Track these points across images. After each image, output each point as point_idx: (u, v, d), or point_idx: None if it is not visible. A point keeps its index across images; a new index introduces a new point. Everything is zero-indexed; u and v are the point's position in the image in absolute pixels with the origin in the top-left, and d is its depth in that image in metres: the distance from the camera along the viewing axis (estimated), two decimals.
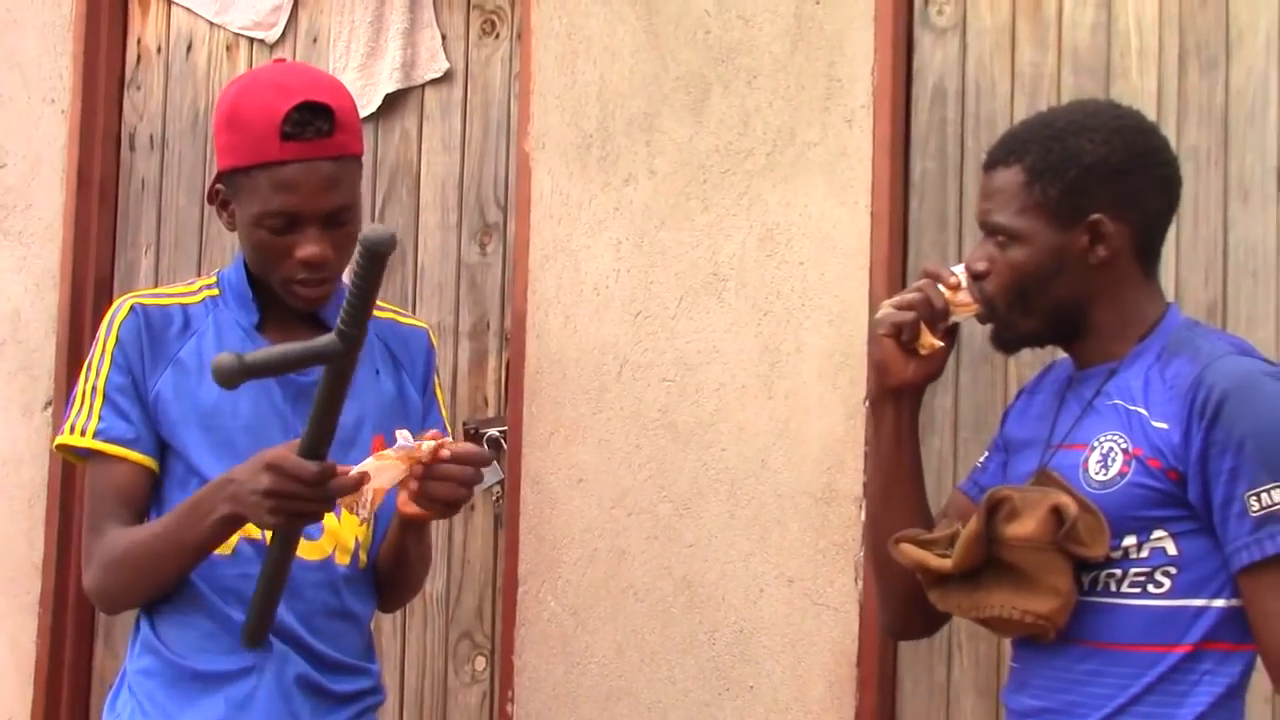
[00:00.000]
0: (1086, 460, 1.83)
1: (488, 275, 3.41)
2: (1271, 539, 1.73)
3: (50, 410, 3.58)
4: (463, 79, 3.45)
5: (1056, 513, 1.78)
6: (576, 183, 3.24)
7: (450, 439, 2.02)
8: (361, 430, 2.17)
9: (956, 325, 1.97)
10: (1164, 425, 1.79)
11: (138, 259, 3.66)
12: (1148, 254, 1.91)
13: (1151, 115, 2.90)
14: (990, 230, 1.91)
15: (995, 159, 1.92)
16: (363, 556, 2.20)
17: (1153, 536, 1.80)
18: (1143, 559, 1.80)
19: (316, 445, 1.91)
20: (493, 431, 3.33)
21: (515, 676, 3.21)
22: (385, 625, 3.36)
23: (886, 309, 1.96)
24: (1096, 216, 1.85)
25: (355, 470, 1.94)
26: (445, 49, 3.46)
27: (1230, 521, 1.75)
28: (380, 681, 2.24)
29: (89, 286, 3.62)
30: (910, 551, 1.89)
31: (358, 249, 1.78)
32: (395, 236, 1.82)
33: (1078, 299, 1.88)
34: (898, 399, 1.97)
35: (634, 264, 3.19)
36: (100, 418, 2.12)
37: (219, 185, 2.13)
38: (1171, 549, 1.79)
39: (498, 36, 3.44)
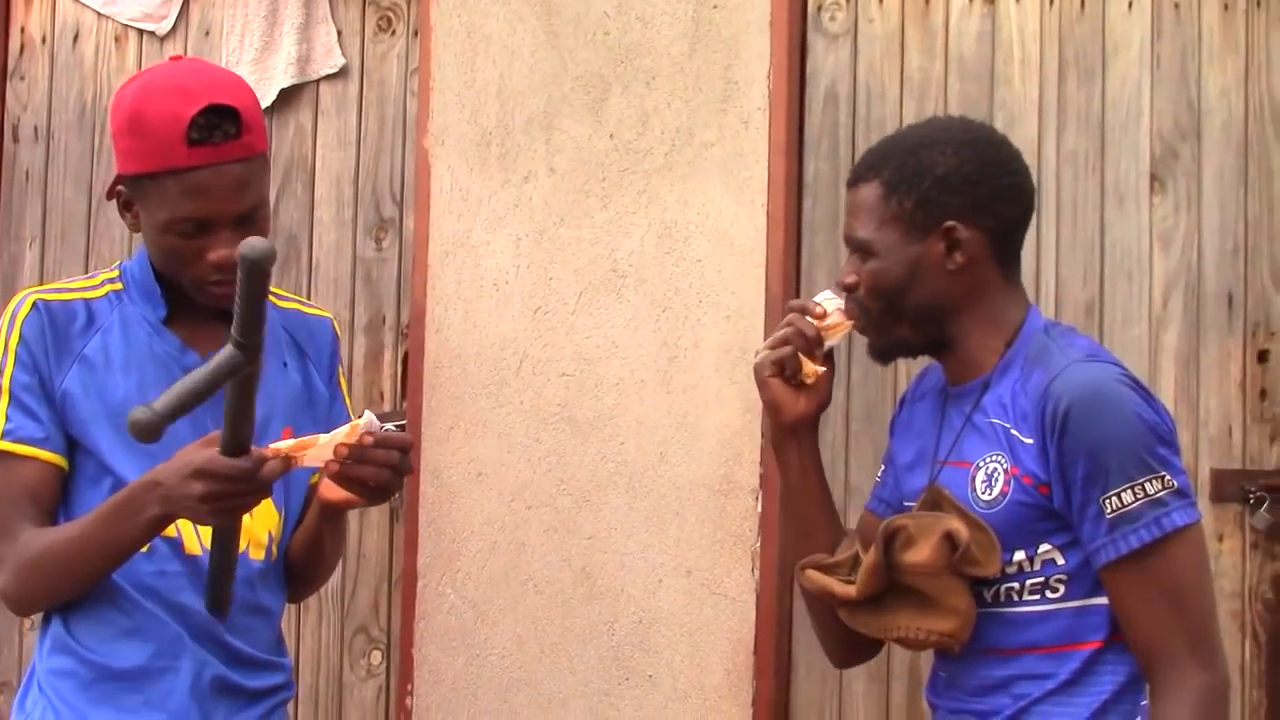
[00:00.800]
0: (973, 479, 1.91)
1: (383, 270, 3.41)
2: (1124, 539, 1.81)
3: None
4: (358, 75, 3.45)
5: (949, 538, 1.86)
6: (476, 179, 3.27)
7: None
8: (271, 425, 2.16)
9: (833, 350, 2.02)
10: (1030, 441, 1.87)
11: (21, 252, 3.59)
12: (1005, 258, 1.97)
13: (1033, 121, 3.05)
14: (854, 246, 1.98)
15: (856, 176, 1.99)
16: (275, 550, 2.19)
17: (1040, 551, 1.88)
18: (1035, 571, 1.88)
19: (238, 441, 1.90)
20: (389, 426, 3.34)
21: (415, 669, 3.22)
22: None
23: (764, 352, 2.01)
24: (950, 224, 1.92)
25: (277, 446, 1.94)
26: (341, 44, 3.46)
27: (1088, 524, 1.83)
28: (291, 676, 2.25)
29: None
30: (815, 578, 1.96)
31: (239, 263, 1.76)
32: (274, 251, 1.81)
33: (941, 305, 1.94)
34: (796, 434, 2.03)
35: (534, 260, 3.22)
36: (7, 418, 2.08)
37: (121, 187, 2.09)
38: (1059, 560, 1.88)
39: (394, 33, 3.44)
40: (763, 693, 3.03)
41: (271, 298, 2.25)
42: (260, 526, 2.15)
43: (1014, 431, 1.88)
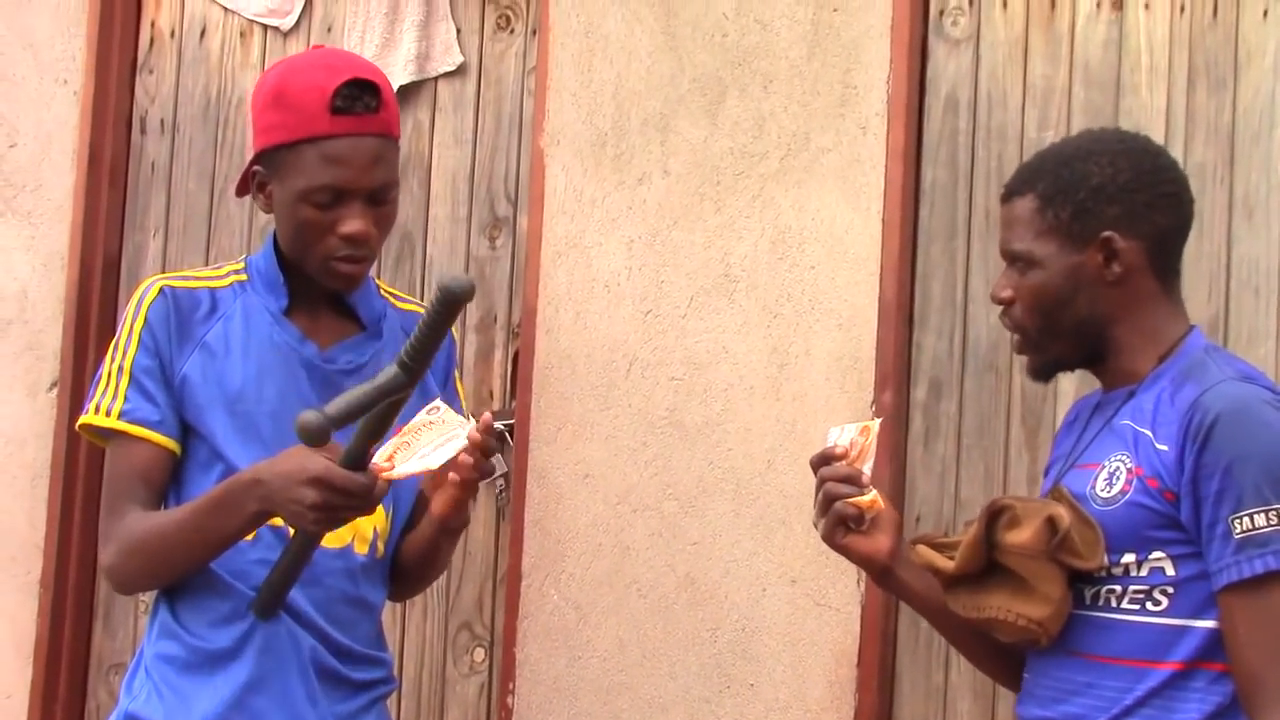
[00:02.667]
0: (1096, 478, 1.90)
1: (496, 269, 3.43)
2: (1249, 562, 1.78)
3: (55, 391, 3.59)
4: (476, 73, 3.47)
5: (1051, 523, 1.84)
6: (590, 180, 3.27)
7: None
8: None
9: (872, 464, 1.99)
10: (1165, 448, 1.85)
11: (146, 242, 3.66)
12: (1164, 270, 1.97)
13: (1160, 132, 2.97)
14: (1011, 258, 1.98)
15: (1011, 190, 2.00)
16: (380, 546, 2.22)
17: (1151, 556, 1.85)
18: (1142, 577, 1.85)
19: (361, 456, 1.96)
20: (498, 425, 3.35)
21: (516, 669, 3.24)
22: (385, 615, 3.37)
23: (819, 524, 2.00)
24: (1107, 234, 1.92)
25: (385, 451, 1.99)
26: (460, 42, 3.48)
27: (1215, 543, 1.80)
28: (392, 671, 2.27)
29: (97, 268, 3.62)
30: (924, 553, 1.98)
31: (435, 292, 1.83)
32: (474, 286, 1.89)
33: (1099, 317, 1.94)
34: (896, 566, 2.01)
35: (646, 262, 3.22)
36: (126, 399, 2.13)
37: (257, 167, 2.13)
38: (1170, 570, 1.84)
39: (512, 32, 3.46)
40: (865, 706, 2.99)
41: (390, 298, 2.28)
42: (366, 522, 2.17)
43: (1149, 434, 1.86)
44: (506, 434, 3.34)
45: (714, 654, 3.11)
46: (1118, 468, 1.88)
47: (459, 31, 3.48)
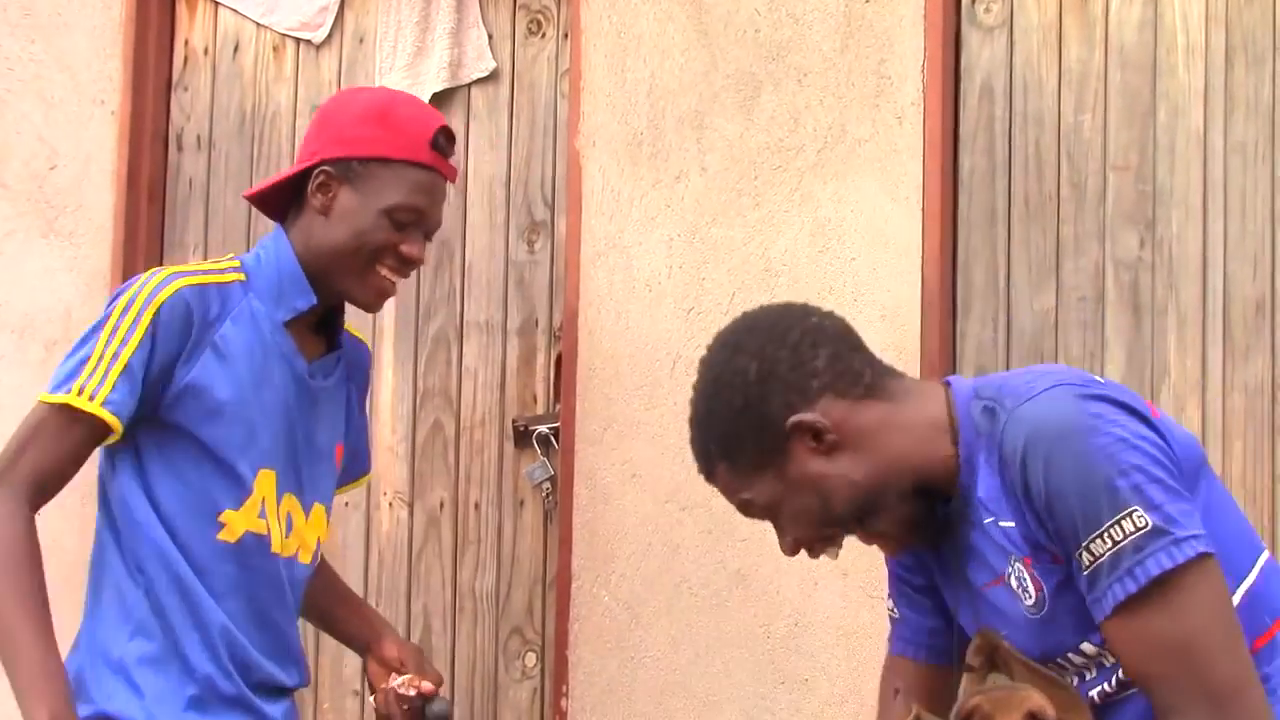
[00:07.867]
0: (1012, 593, 1.73)
1: (535, 273, 3.43)
2: (1104, 596, 1.61)
3: None
4: (509, 78, 3.48)
5: (1033, 718, 1.63)
6: (627, 180, 3.27)
7: None
8: (329, 447, 2.26)
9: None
10: (1012, 524, 1.69)
11: (185, 258, 3.67)
12: (867, 390, 1.76)
13: (1198, 111, 2.96)
14: (763, 516, 1.83)
15: (705, 472, 1.85)
16: (320, 556, 2.29)
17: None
18: (1113, 662, 1.68)
19: None
20: (542, 428, 3.35)
21: (569, 672, 3.23)
22: (435, 623, 3.40)
23: None
24: (791, 421, 1.73)
25: None
26: (492, 48, 3.48)
27: (1083, 584, 1.64)
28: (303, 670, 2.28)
29: None
30: None
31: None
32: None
33: (859, 483, 1.75)
34: None
35: (686, 260, 3.21)
36: (114, 388, 2.04)
37: (328, 167, 2.13)
38: None
39: (544, 36, 3.46)
40: None
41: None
42: (311, 532, 2.22)
43: (1002, 524, 1.69)
44: (552, 437, 3.33)
45: (767, 650, 3.10)
46: (1018, 571, 1.70)
47: (490, 37, 3.48)
